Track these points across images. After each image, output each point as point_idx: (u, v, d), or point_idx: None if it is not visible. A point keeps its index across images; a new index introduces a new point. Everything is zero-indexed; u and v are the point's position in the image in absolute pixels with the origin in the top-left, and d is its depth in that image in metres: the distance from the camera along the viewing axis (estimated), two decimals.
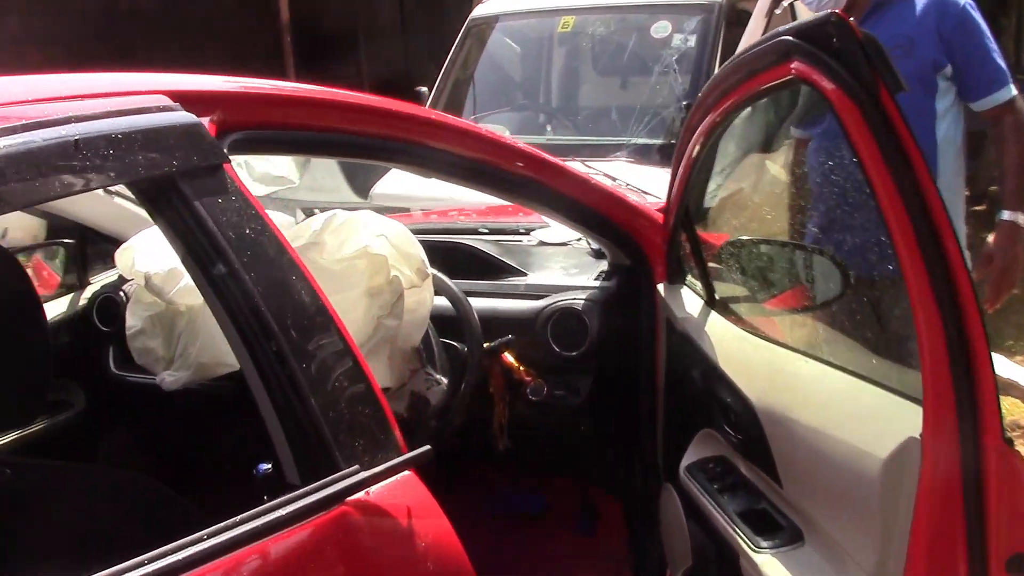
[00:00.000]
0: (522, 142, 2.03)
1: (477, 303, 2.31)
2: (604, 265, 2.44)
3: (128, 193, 2.70)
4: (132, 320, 2.36)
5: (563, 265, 2.54)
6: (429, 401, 2.11)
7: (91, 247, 2.80)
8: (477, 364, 2.16)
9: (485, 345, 2.20)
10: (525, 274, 2.49)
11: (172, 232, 1.26)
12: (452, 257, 2.52)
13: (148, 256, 2.32)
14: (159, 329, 2.35)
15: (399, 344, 2.08)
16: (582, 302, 2.31)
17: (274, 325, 1.24)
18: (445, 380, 2.15)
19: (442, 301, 2.20)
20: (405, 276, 2.08)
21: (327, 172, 3.93)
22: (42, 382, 1.27)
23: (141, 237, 2.40)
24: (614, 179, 3.72)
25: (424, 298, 2.11)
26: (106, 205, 2.62)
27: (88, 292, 2.73)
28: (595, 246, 2.52)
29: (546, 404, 2.30)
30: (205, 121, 1.30)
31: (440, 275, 2.21)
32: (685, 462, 1.98)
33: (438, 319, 2.21)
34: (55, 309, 2.67)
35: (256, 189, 2.88)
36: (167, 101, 1.28)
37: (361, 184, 3.17)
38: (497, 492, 2.86)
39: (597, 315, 2.29)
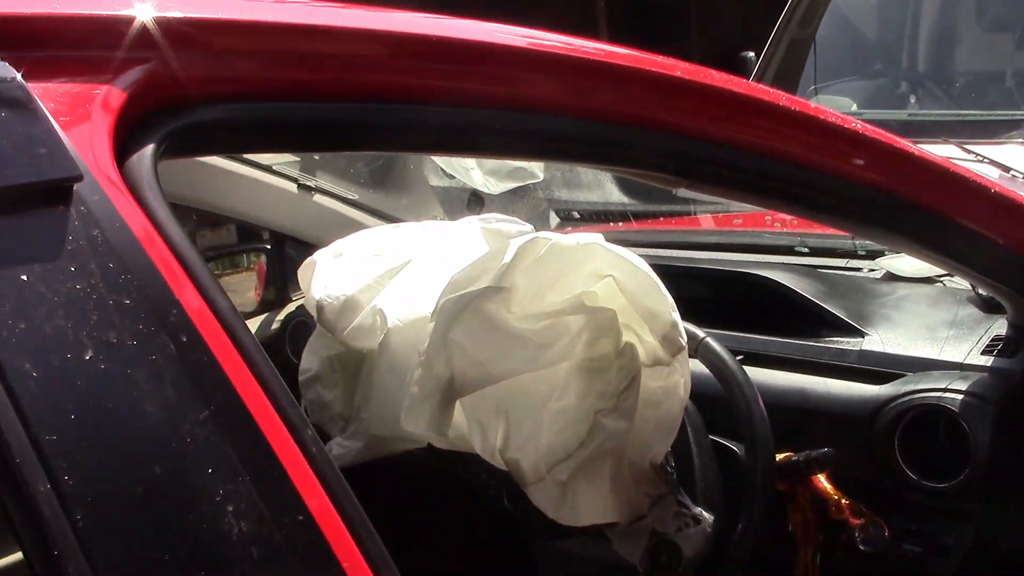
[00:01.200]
0: (859, 120, 1.13)
1: (771, 379, 1.47)
2: (1000, 326, 1.46)
3: (330, 188, 2.14)
4: (308, 361, 1.73)
5: (927, 321, 1.56)
6: (681, 549, 1.30)
7: (297, 250, 2.24)
8: (766, 489, 1.32)
9: (781, 457, 1.34)
10: (861, 333, 1.55)
11: None
12: (735, 294, 1.67)
13: (330, 275, 1.68)
14: (339, 376, 1.71)
15: (630, 456, 1.28)
16: (960, 396, 1.35)
17: None
18: (709, 516, 1.31)
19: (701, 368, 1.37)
20: (645, 345, 1.27)
21: None
22: None
23: (334, 248, 1.78)
24: (1007, 169, 2.76)
25: (674, 384, 1.28)
26: (299, 204, 2.05)
27: (284, 312, 2.17)
28: (982, 291, 1.53)
29: (886, 560, 1.39)
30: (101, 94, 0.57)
31: (707, 338, 1.37)
32: None
33: (701, 401, 1.38)
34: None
35: (490, 187, 2.18)
36: None
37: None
38: None
39: (988, 420, 1.33)
